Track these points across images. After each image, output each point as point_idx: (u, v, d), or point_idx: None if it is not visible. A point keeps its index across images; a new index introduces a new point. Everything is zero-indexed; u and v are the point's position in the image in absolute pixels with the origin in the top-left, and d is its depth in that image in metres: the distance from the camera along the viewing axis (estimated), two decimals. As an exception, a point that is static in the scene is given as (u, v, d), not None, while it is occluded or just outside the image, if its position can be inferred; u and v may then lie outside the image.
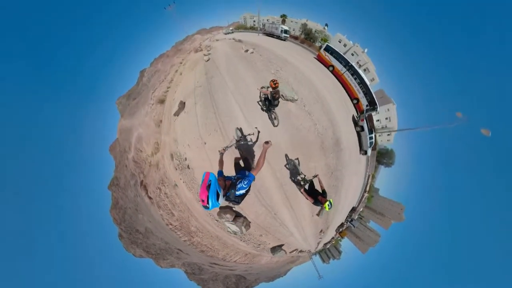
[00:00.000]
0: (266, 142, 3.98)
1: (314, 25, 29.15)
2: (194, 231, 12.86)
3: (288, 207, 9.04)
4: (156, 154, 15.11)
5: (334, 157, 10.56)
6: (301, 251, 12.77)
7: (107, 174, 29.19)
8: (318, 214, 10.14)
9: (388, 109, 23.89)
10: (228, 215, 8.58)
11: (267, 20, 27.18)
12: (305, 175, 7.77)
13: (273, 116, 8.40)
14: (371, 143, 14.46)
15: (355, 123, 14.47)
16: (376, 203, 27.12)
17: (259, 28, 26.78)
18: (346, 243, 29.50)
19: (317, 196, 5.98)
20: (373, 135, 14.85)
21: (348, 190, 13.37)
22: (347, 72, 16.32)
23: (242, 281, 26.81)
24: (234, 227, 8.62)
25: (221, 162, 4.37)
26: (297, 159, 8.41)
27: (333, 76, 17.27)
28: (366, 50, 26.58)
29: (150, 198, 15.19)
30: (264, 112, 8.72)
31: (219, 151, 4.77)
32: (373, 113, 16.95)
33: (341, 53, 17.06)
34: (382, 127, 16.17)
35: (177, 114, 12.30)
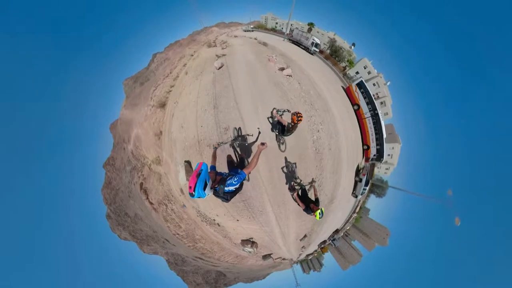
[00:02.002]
0: (262, 144, 4.03)
1: (341, 42, 27.71)
2: (198, 239, 14.05)
3: (276, 219, 9.59)
4: (157, 165, 14.32)
5: (329, 188, 10.91)
6: (284, 258, 14.79)
7: (105, 151, 29.09)
8: (301, 239, 10.64)
9: (393, 148, 24.43)
10: (249, 246, 11.63)
11: (297, 27, 25.13)
12: (301, 180, 7.71)
13: (281, 141, 8.03)
14: (363, 192, 15.92)
15: (357, 173, 15.35)
16: (363, 224, 28.05)
17: (286, 33, 25.26)
18: (328, 257, 30.63)
19: (309, 203, 5.89)
20: (367, 186, 16.30)
21: (334, 217, 14.30)
22: (369, 118, 15.74)
23: (221, 278, 27.58)
24: (249, 249, 11.65)
25: (214, 157, 4.47)
26: (295, 163, 8.43)
27: (354, 115, 16.31)
28: (388, 83, 25.76)
29: (151, 203, 15.30)
30: (272, 131, 8.22)
31: (213, 145, 4.77)
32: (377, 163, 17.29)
33: (373, 97, 15.99)
34: (384, 161, 16.40)
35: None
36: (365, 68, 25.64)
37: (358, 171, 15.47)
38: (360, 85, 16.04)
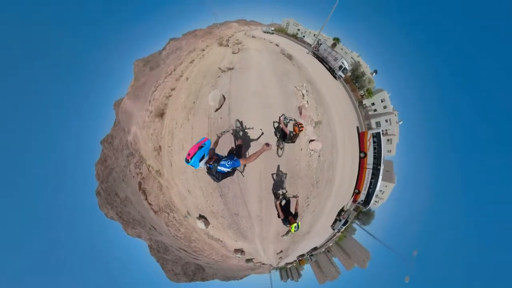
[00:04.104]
0: (267, 145, 4.06)
1: (364, 65, 26.43)
2: (194, 240, 15.07)
3: (260, 225, 10.06)
4: (158, 176, 13.94)
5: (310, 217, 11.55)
6: (263, 263, 15.76)
7: (106, 127, 29.04)
8: (283, 235, 11.35)
9: (386, 186, 24.98)
10: (239, 254, 12.96)
11: (324, 41, 22.48)
12: (286, 191, 7.94)
13: (280, 146, 8.30)
14: (339, 229, 17.49)
15: (339, 214, 16.43)
16: (346, 243, 28.91)
17: (312, 46, 23.13)
18: (308, 268, 31.55)
19: (288, 215, 6.15)
20: (345, 226, 17.94)
21: (314, 237, 15.46)
22: (370, 169, 15.89)
23: (200, 272, 28.30)
24: (239, 255, 13.10)
25: (215, 143, 4.72)
26: (286, 174, 8.63)
27: (357, 161, 16.18)
28: (401, 123, 25.62)
29: (150, 204, 15.58)
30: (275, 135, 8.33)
31: (217, 134, 5.21)
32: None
33: (382, 152, 15.64)
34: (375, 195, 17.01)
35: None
36: (382, 102, 25.06)
37: (341, 211, 16.49)
38: (375, 136, 15.75)
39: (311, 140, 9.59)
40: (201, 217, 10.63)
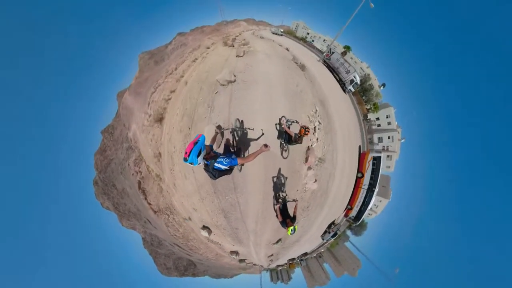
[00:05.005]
0: (266, 146, 4.09)
1: (373, 77, 26.19)
2: (191, 239, 15.42)
3: (255, 236, 10.42)
4: (158, 180, 13.81)
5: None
6: (255, 264, 16.17)
7: (108, 117, 29.08)
8: (274, 244, 11.82)
9: (380, 201, 25.34)
10: (234, 255, 13.37)
11: (340, 55, 20.72)
12: (286, 195, 8.08)
13: (284, 148, 8.20)
14: (328, 240, 18.17)
15: (328, 227, 16.83)
16: (338, 250, 29.29)
17: (324, 53, 22.01)
18: (298, 272, 32.01)
19: (286, 217, 6.34)
20: (333, 238, 18.63)
21: (304, 244, 15.94)
22: (365, 189, 16.23)
23: (191, 267, 28.67)
24: (234, 256, 13.54)
25: (214, 139, 4.79)
26: (287, 178, 8.66)
27: (354, 180, 16.33)
28: (403, 140, 25.45)
29: (149, 204, 15.71)
30: (278, 139, 8.20)
31: (215, 131, 5.32)
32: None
33: (379, 174, 15.94)
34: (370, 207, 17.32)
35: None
36: (387, 117, 24.81)
37: (332, 224, 16.84)
38: (375, 160, 15.87)
39: (308, 168, 9.42)
40: (204, 227, 11.05)
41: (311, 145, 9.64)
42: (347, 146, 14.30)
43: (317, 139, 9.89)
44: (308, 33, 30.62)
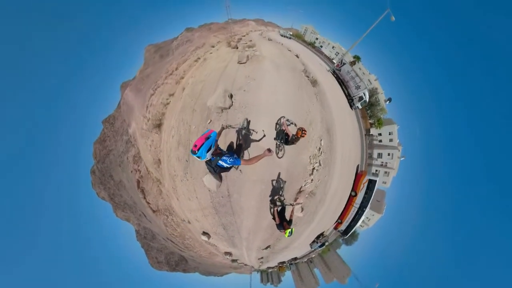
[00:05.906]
0: (269, 150, 4.13)
1: (380, 91, 25.73)
2: (187, 238, 16.16)
3: (247, 242, 10.88)
4: (158, 183, 13.81)
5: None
6: (246, 264, 16.72)
7: (110, 106, 28.97)
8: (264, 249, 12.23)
9: (373, 215, 25.82)
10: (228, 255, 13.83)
11: (350, 67, 19.38)
12: (284, 198, 8.24)
13: (280, 148, 8.27)
14: (315, 249, 18.93)
15: (317, 238, 17.34)
16: (329, 257, 29.63)
17: (335, 64, 21.07)
18: (288, 275, 32.40)
19: (283, 220, 6.52)
20: (320, 248, 19.28)
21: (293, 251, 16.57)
22: (356, 207, 16.66)
23: (183, 263, 28.89)
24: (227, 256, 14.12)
25: (218, 134, 4.83)
26: (285, 182, 8.82)
27: (347, 197, 16.60)
28: (403, 158, 25.45)
29: (148, 203, 15.87)
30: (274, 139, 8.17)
31: (222, 125, 5.35)
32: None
33: (372, 196, 16.39)
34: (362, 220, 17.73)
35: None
36: (389, 134, 24.39)
37: (320, 235, 17.24)
38: (371, 182, 16.20)
39: (296, 201, 9.43)
40: (204, 233, 11.69)
41: (304, 185, 9.30)
42: (345, 171, 13.77)
43: (311, 180, 9.53)
44: (317, 38, 30.11)
